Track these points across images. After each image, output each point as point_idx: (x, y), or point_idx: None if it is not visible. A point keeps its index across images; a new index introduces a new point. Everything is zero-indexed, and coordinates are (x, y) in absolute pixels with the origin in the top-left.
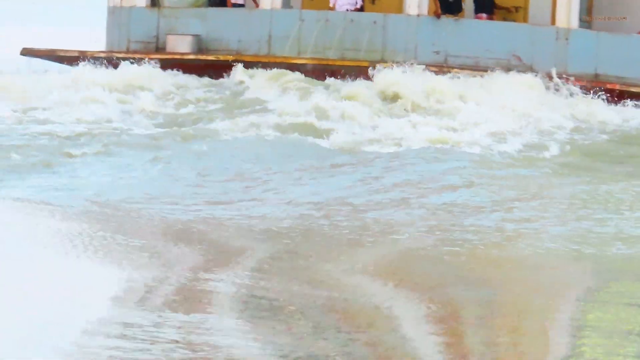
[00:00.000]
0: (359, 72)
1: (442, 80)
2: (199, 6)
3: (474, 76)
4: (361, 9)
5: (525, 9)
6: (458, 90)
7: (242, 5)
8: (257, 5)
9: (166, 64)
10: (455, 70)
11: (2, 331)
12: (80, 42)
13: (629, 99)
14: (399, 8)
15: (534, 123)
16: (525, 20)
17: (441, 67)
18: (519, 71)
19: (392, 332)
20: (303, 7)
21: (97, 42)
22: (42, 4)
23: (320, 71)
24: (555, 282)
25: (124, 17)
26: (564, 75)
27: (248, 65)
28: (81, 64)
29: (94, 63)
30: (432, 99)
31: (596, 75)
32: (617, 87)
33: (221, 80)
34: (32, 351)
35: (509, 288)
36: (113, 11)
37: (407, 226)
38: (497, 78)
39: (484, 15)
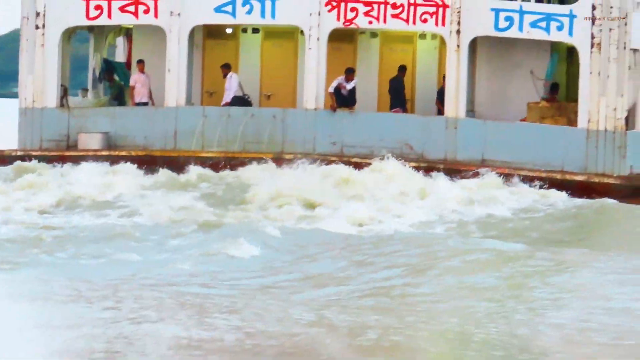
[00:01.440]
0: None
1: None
2: (101, 105)
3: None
4: (231, 102)
5: None
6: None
7: (145, 104)
8: (153, 104)
9: (81, 159)
10: (355, 159)
11: None
12: None
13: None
14: (293, 103)
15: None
16: None
17: (340, 157)
18: (411, 159)
19: None
20: (203, 103)
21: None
22: None
23: (225, 163)
24: None
25: (36, 117)
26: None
27: (156, 159)
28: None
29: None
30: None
31: (483, 161)
32: (506, 170)
33: None
34: None
35: None
36: (25, 112)
37: None
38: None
39: (400, 109)
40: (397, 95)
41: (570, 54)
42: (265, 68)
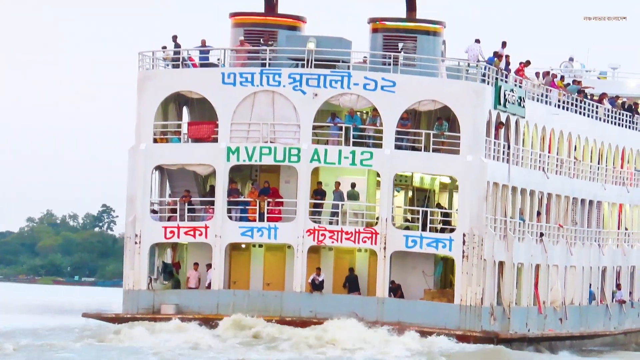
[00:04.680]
0: None
1: None
2: (168, 288)
3: None
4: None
5: None
6: None
7: (194, 288)
8: (198, 287)
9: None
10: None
11: None
12: None
13: None
14: (283, 288)
15: None
16: None
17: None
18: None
19: None
20: (230, 287)
21: None
22: None
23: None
24: None
25: (134, 295)
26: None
27: (208, 319)
28: None
29: None
30: None
31: (399, 322)
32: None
33: None
34: None
35: None
36: (128, 292)
37: None
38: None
39: (358, 293)
40: (354, 284)
41: (446, 261)
42: (266, 268)
